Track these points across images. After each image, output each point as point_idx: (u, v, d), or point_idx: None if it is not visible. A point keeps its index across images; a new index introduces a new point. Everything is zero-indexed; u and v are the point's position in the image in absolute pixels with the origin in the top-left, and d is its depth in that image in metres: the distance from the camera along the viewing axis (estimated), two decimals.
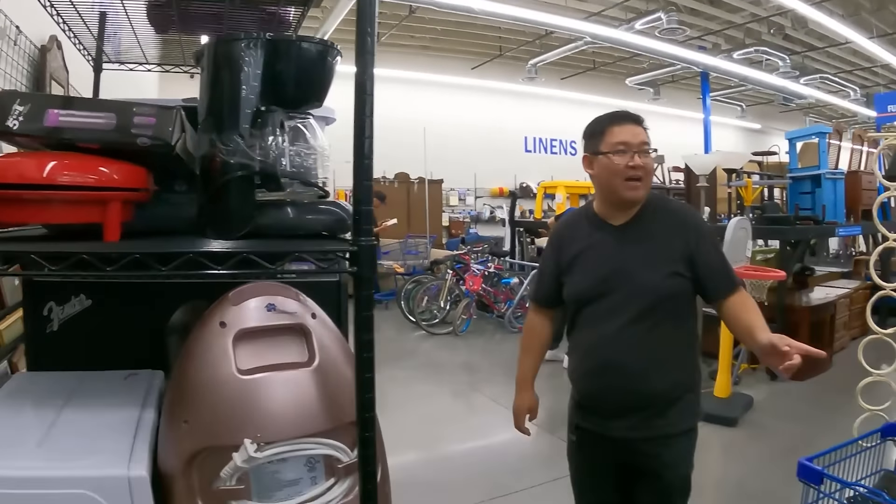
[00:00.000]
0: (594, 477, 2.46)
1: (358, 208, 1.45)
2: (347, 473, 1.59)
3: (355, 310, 1.42)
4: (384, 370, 6.66)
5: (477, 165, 16.34)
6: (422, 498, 3.87)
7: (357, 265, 1.43)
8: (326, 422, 1.55)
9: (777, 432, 5.18)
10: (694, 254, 2.16)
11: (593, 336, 2.28)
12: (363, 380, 1.44)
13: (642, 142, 2.16)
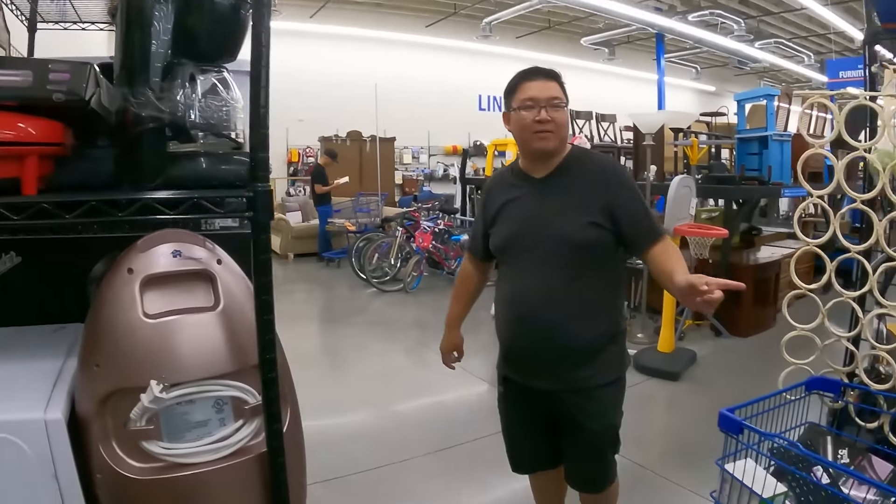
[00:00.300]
0: (522, 427, 2.49)
1: (254, 155, 1.48)
2: (254, 415, 1.63)
3: (253, 253, 1.44)
4: (336, 328, 6.73)
5: (431, 124, 16.26)
6: (371, 451, 3.93)
7: (254, 210, 1.47)
8: (232, 364, 1.59)
9: (718, 386, 5.28)
10: (614, 205, 2.16)
11: (514, 287, 2.29)
12: (263, 321, 1.49)
13: (551, 97, 2.16)
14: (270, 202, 1.51)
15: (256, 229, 1.45)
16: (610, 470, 2.44)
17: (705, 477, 3.59)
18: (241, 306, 1.63)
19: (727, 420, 1.98)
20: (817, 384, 2.30)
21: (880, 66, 2.28)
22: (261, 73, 1.50)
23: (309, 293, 9.17)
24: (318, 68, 14.70)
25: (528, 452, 2.54)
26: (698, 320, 6.82)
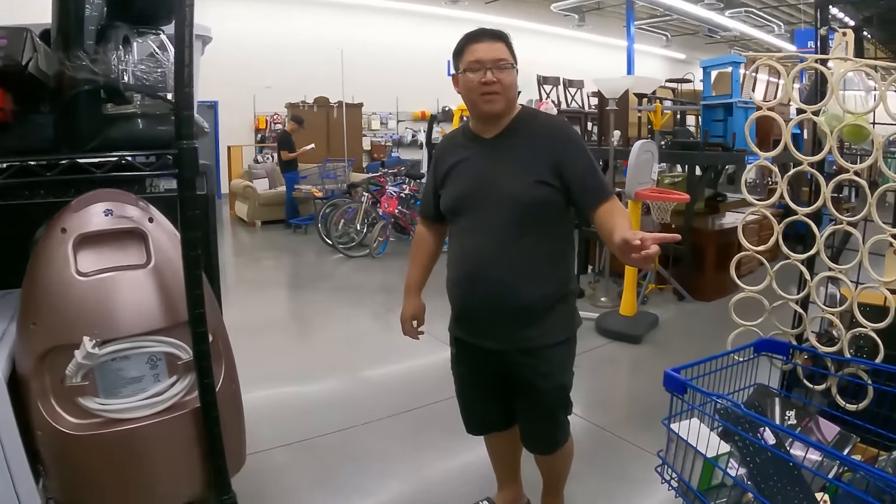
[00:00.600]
0: (475, 388, 2.50)
1: (178, 114, 1.51)
2: (188, 370, 1.68)
3: (179, 209, 1.43)
4: (303, 294, 6.70)
5: (399, 89, 16.19)
6: (336, 414, 3.95)
7: (180, 167, 1.50)
8: (164, 320, 1.64)
9: (679, 350, 5.32)
10: (561, 164, 2.16)
11: (463, 247, 2.29)
12: (191, 277, 1.51)
13: (497, 58, 2.14)
14: (195, 159, 1.52)
15: (183, 186, 1.47)
16: (561, 430, 2.46)
17: (661, 438, 3.65)
18: (173, 263, 1.65)
19: (671, 380, 2.00)
20: (766, 346, 2.32)
21: (827, 29, 2.27)
22: (184, 32, 1.50)
23: (276, 260, 9.12)
24: (286, 34, 14.54)
25: (480, 413, 2.56)
26: (661, 285, 6.89)
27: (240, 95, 14.11)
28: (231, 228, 11.34)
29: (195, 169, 1.52)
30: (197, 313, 1.52)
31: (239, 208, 11.91)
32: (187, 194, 1.48)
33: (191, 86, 1.47)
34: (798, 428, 2.16)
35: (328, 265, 8.65)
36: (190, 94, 1.48)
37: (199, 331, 1.53)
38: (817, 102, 2.18)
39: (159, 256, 1.66)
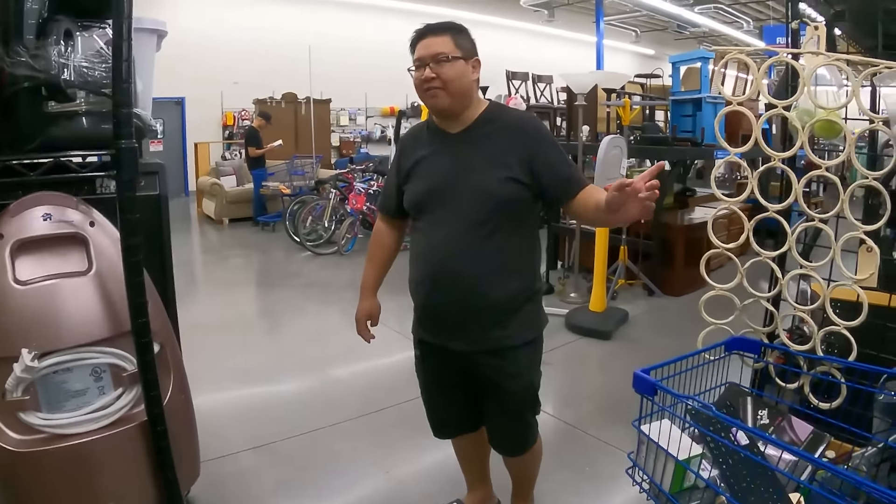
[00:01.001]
0: (441, 391, 2.45)
1: (116, 112, 1.40)
2: (135, 382, 1.58)
3: (119, 213, 1.34)
4: (272, 291, 6.59)
5: (367, 85, 16.12)
6: (302, 415, 3.88)
7: (118, 168, 1.40)
8: (108, 329, 1.55)
9: (650, 345, 5.33)
10: (534, 159, 2.11)
11: (427, 245, 2.22)
12: (132, 285, 1.42)
13: (435, 53, 2.09)
14: (134, 159, 1.44)
15: (122, 188, 1.39)
16: (530, 431, 2.42)
17: (630, 433, 3.64)
18: (116, 269, 1.55)
19: (641, 381, 1.95)
20: (737, 344, 2.29)
21: (799, 22, 2.24)
22: (122, 24, 1.41)
23: (244, 258, 8.98)
24: (253, 30, 14.40)
25: (447, 416, 2.51)
26: (631, 280, 6.88)
27: (207, 91, 13.92)
28: (199, 226, 11.19)
29: (134, 170, 1.43)
30: (140, 323, 1.43)
31: (206, 206, 11.74)
32: (127, 196, 1.40)
33: (129, 81, 1.38)
34: (771, 427, 2.13)
35: (296, 262, 8.55)
36: (129, 91, 1.39)
37: (143, 341, 1.45)
38: (788, 97, 2.14)
39: (101, 262, 1.57)
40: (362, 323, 2.52)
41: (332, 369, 4.74)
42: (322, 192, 9.54)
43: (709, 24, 16.65)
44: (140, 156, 1.58)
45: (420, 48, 2.12)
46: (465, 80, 2.13)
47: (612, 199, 1.82)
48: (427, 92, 2.11)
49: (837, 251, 2.05)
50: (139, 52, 1.77)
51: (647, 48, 21.80)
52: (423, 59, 2.10)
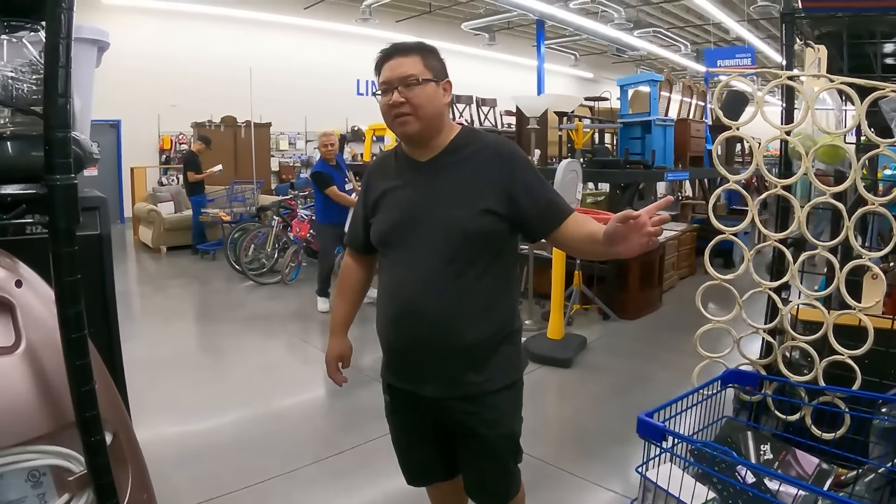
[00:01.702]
0: (413, 437, 2.25)
1: (49, 136, 1.05)
2: (84, 486, 1.21)
3: (54, 274, 1.05)
4: (212, 324, 6.24)
5: (308, 109, 15.95)
6: (257, 460, 3.60)
7: (51, 213, 1.05)
8: (44, 423, 1.17)
9: (611, 371, 5.26)
10: (513, 190, 1.95)
11: (396, 282, 2.03)
12: (75, 368, 1.08)
13: (403, 75, 1.91)
14: (73, 200, 1.10)
15: (57, 240, 1.05)
16: (513, 481, 2.23)
17: (605, 467, 3.61)
18: (53, 342, 1.18)
19: (647, 426, 1.80)
20: (734, 378, 2.17)
21: (804, 46, 2.14)
22: (61, 18, 1.07)
23: (183, 288, 8.59)
24: (192, 51, 14.08)
25: (421, 465, 2.31)
26: (586, 304, 6.83)
27: (143, 114, 13.50)
28: (135, 255, 10.74)
29: (73, 214, 1.08)
30: (88, 418, 1.10)
31: (143, 233, 11.29)
32: (63, 251, 1.05)
33: (66, 95, 1.05)
34: (775, 462, 2.04)
35: (238, 293, 8.22)
36: (65, 107, 1.06)
37: (93, 440, 1.11)
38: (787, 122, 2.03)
39: (33, 334, 1.19)
40: (333, 365, 2.32)
41: (284, 409, 4.49)
42: (264, 218, 9.26)
43: (647, 48, 16.94)
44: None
45: (386, 70, 1.94)
46: (436, 104, 1.96)
47: (615, 232, 1.69)
48: (395, 119, 1.93)
49: (842, 280, 1.95)
50: (78, 66, 1.42)
51: (586, 72, 22.12)
52: (391, 83, 1.91)
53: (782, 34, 2.29)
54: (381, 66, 1.96)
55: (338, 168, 7.00)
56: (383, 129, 10.55)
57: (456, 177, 1.97)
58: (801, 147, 1.93)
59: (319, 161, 7.05)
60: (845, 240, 1.94)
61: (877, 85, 1.81)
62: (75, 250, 1.08)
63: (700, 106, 9.88)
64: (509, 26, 17.12)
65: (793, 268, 2.03)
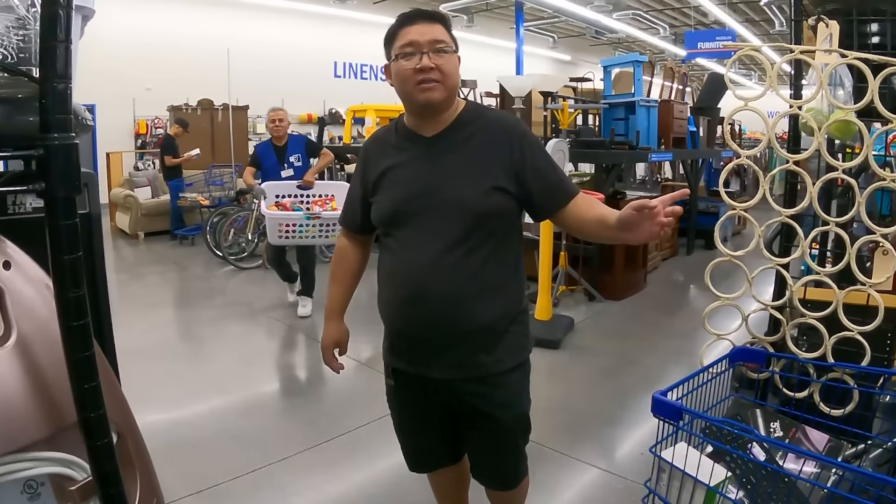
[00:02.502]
0: (418, 423, 2.19)
1: (46, 87, 0.90)
2: (86, 495, 1.07)
3: (51, 252, 0.91)
4: (193, 311, 6.11)
5: (285, 91, 15.70)
6: (244, 450, 3.51)
7: (46, 178, 0.90)
8: (40, 426, 1.02)
9: (599, 352, 5.27)
10: (521, 167, 1.90)
11: (403, 263, 1.96)
12: (77, 362, 0.94)
13: (433, 39, 1.84)
14: (74, 162, 0.95)
15: (55, 210, 0.90)
16: (522, 462, 2.21)
17: (599, 447, 3.62)
18: (49, 332, 1.02)
19: (663, 405, 1.77)
20: (741, 355, 2.15)
21: (816, 21, 2.09)
22: None
23: (162, 275, 8.45)
24: (167, 33, 13.82)
25: (426, 451, 2.26)
26: (572, 286, 6.82)
27: (118, 98, 13.19)
28: (112, 241, 10.52)
29: (74, 181, 0.93)
30: (91, 417, 0.95)
31: (120, 219, 11.09)
32: (63, 225, 0.90)
33: (68, 41, 0.91)
34: (787, 440, 2.03)
35: (219, 278, 8.12)
36: (66, 55, 0.92)
37: (99, 444, 0.96)
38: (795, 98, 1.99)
39: (25, 325, 1.03)
40: (329, 352, 2.23)
41: (270, 396, 4.43)
42: (243, 202, 9.11)
43: (626, 30, 16.92)
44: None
45: (412, 33, 1.84)
46: (457, 77, 1.91)
47: (628, 219, 1.66)
48: (420, 84, 1.84)
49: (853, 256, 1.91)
50: None
51: (564, 54, 22.07)
52: (419, 46, 1.83)
53: (791, 9, 2.24)
54: (401, 29, 1.88)
55: (282, 149, 6.28)
56: (363, 111, 10.43)
57: (463, 153, 1.92)
58: (813, 122, 1.89)
59: (266, 141, 6.42)
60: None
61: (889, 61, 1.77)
62: (76, 223, 0.94)
63: (679, 89, 9.88)
64: (487, 8, 16.99)
65: (804, 244, 2.00)
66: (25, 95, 1.22)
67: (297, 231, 5.74)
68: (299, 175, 6.21)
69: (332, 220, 5.67)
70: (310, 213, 5.74)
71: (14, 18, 1.26)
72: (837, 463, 1.74)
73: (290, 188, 6.13)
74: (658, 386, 4.22)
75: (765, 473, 1.77)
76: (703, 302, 7.04)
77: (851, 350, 2.06)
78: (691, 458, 1.73)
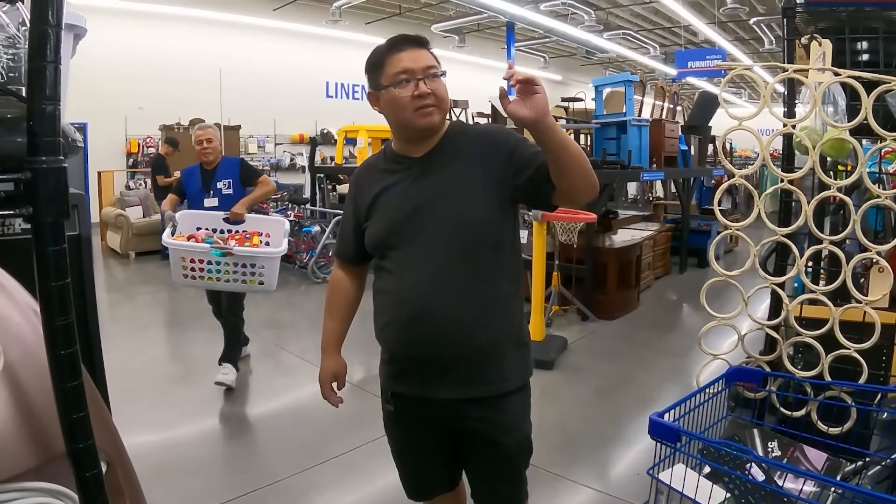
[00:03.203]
0: (419, 449, 2.14)
1: (34, 107, 0.87)
2: None
3: (38, 278, 0.88)
4: (184, 332, 6.04)
5: (277, 111, 15.81)
6: (235, 475, 3.46)
7: (33, 203, 0.88)
8: (28, 457, 0.96)
9: (593, 372, 5.25)
10: (515, 168, 1.86)
11: (401, 285, 1.93)
12: (65, 392, 0.91)
13: (426, 66, 1.84)
14: (62, 186, 0.92)
15: (43, 237, 0.88)
16: (523, 487, 2.17)
17: (595, 468, 3.61)
18: (37, 361, 0.97)
19: (660, 427, 1.75)
20: (738, 375, 2.13)
21: (809, 40, 2.10)
22: None
23: (153, 295, 8.38)
24: (159, 53, 13.83)
25: (427, 479, 2.21)
26: (565, 306, 6.81)
27: (110, 117, 13.18)
28: (103, 261, 10.46)
29: (62, 205, 0.91)
30: (81, 449, 0.92)
31: (111, 239, 11.04)
32: (49, 250, 0.88)
33: (56, 61, 0.89)
34: (784, 459, 2.01)
35: None
36: (55, 75, 0.89)
37: (88, 475, 0.92)
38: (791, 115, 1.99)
39: (13, 351, 0.98)
40: (328, 385, 2.19)
41: (262, 418, 4.39)
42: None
43: (616, 50, 17.04)
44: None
45: (405, 60, 1.84)
46: (449, 99, 1.93)
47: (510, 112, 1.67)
48: (420, 111, 1.83)
49: (849, 273, 1.91)
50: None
51: (555, 74, 22.20)
52: (413, 73, 1.82)
53: (784, 28, 2.25)
54: (390, 56, 1.86)
55: (210, 174, 5.13)
56: (354, 131, 10.43)
57: (454, 168, 1.90)
58: (808, 141, 1.89)
59: (197, 164, 5.26)
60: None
61: (882, 79, 1.77)
62: (64, 248, 0.91)
63: (670, 108, 9.94)
64: (479, 28, 17.13)
65: (799, 262, 1.99)
66: (14, 116, 1.19)
67: (208, 270, 4.26)
68: (227, 206, 4.86)
69: (249, 259, 4.22)
70: (219, 248, 4.20)
71: (4, 37, 1.24)
72: (836, 482, 1.72)
73: (214, 220, 4.76)
74: (653, 405, 4.21)
75: (763, 494, 1.73)
76: (697, 320, 7.10)
77: (847, 367, 2.05)
78: (690, 480, 1.71)
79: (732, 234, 2.14)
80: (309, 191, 11.20)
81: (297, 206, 9.52)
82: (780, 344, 2.16)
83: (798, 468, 1.88)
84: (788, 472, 1.78)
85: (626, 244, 7.25)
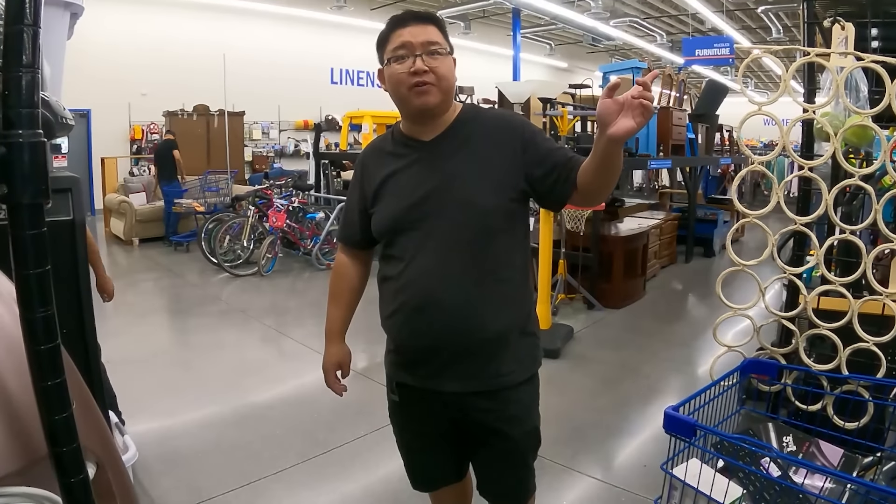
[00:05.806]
0: (424, 440, 2.10)
1: (9, 75, 0.77)
2: None
3: (14, 266, 0.80)
4: (186, 319, 6.00)
5: (281, 97, 15.74)
6: (238, 463, 3.43)
7: (9, 181, 0.78)
8: (10, 459, 0.88)
9: (599, 361, 5.20)
10: (527, 162, 1.81)
11: (409, 273, 1.86)
12: (45, 391, 0.82)
13: (426, 41, 1.76)
14: (41, 162, 0.81)
15: (18, 218, 0.79)
16: (531, 479, 2.12)
17: (601, 459, 3.56)
18: (21, 356, 0.86)
19: (675, 421, 1.70)
20: (752, 368, 2.08)
21: (833, 21, 2.03)
22: None
23: (156, 282, 8.35)
24: (163, 39, 13.78)
25: (432, 469, 2.17)
26: (571, 294, 6.75)
27: (114, 103, 13.13)
28: (107, 247, 10.43)
29: (41, 183, 0.82)
30: (64, 452, 0.84)
31: (115, 225, 11.03)
32: (25, 234, 0.79)
33: (37, 25, 0.78)
34: (800, 454, 1.97)
35: (214, 285, 8.03)
36: (34, 40, 0.79)
37: (73, 480, 0.85)
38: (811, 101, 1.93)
39: None
40: (332, 374, 2.14)
41: (266, 406, 4.33)
42: (239, 209, 9.07)
43: (623, 38, 16.92)
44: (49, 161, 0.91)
45: (405, 35, 1.77)
46: (452, 79, 1.83)
47: (604, 110, 1.54)
48: (415, 87, 1.76)
49: (869, 264, 1.85)
50: (48, 31, 1.19)
51: (561, 61, 22.09)
52: (412, 48, 1.75)
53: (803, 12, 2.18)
54: (393, 32, 1.80)
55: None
56: (359, 118, 10.36)
57: (466, 154, 1.84)
58: (829, 127, 1.82)
59: None
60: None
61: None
62: (43, 233, 0.82)
63: (677, 97, 9.85)
64: (484, 15, 17.01)
65: (818, 252, 1.93)
66: None
67: None
68: None
69: None
70: None
71: None
72: (853, 479, 1.68)
73: None
74: (659, 396, 4.16)
75: (779, 489, 1.70)
76: (703, 310, 7.06)
77: (865, 361, 2.00)
78: (705, 476, 1.66)
79: (740, 224, 2.09)
80: (313, 177, 11.15)
81: (300, 192, 9.46)
82: (795, 336, 2.10)
83: (816, 465, 1.84)
84: (806, 468, 1.73)
85: (632, 232, 7.18)
